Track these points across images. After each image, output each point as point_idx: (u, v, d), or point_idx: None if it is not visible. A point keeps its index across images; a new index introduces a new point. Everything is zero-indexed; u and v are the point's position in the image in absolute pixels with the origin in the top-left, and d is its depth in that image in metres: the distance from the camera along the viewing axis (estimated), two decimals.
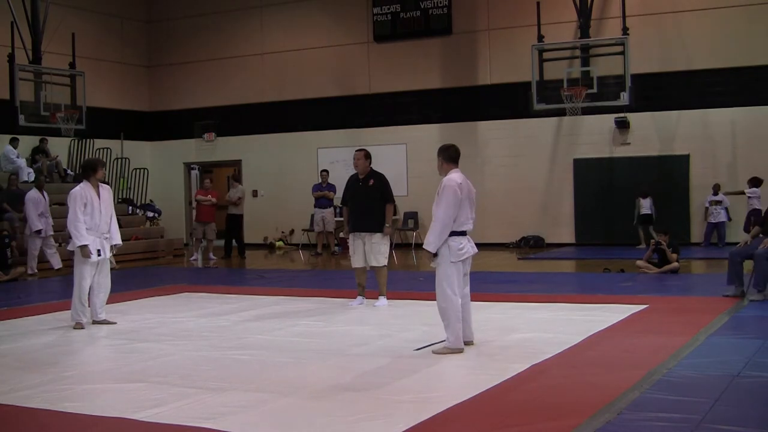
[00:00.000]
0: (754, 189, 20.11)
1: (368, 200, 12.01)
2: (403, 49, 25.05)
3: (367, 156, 12.24)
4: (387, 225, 12.01)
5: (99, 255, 10.87)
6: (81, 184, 11.00)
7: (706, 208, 21.20)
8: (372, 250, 11.94)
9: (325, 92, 25.95)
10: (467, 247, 8.58)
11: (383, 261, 12.04)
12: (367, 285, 12.29)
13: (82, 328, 10.66)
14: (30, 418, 6.46)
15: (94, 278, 10.93)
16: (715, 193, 21.05)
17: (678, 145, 22.05)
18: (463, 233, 8.56)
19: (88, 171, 11.20)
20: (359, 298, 12.23)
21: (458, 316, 8.43)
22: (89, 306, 10.93)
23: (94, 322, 10.93)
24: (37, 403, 6.81)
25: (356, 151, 12.36)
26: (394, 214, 13.69)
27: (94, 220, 10.87)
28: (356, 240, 12.08)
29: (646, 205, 21.54)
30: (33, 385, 7.45)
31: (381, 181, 12.22)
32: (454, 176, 8.60)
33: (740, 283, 11.85)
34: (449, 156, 8.80)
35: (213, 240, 21.87)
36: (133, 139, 27.29)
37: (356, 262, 12.13)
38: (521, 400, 6.51)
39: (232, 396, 6.89)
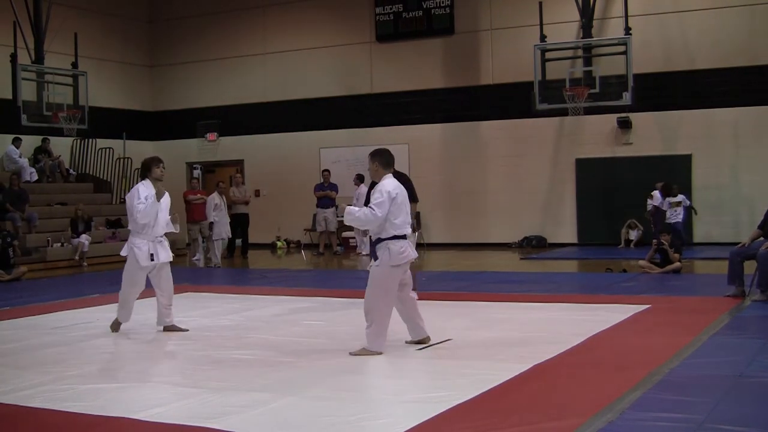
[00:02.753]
0: None
1: None
2: (405, 49, 25.07)
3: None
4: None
5: (152, 260, 10.16)
6: (142, 182, 10.22)
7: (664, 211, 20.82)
8: None
9: (327, 92, 25.97)
10: (408, 250, 8.54)
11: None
12: None
13: (117, 330, 10.30)
14: (31, 417, 6.45)
15: (154, 283, 10.30)
16: (674, 195, 20.76)
17: (680, 145, 22.05)
18: (403, 237, 8.50)
19: (144, 170, 10.34)
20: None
21: (385, 320, 8.41)
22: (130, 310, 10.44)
23: (165, 329, 10.31)
24: (39, 403, 6.80)
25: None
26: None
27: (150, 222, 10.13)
28: None
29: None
30: (34, 385, 7.44)
31: (406, 182, 12.36)
32: (389, 182, 8.52)
33: (741, 283, 11.84)
34: (386, 161, 8.70)
35: (210, 236, 21.81)
36: (135, 138, 27.28)
37: None
38: (523, 400, 6.51)
39: (234, 396, 6.88)
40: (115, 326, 10.35)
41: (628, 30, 20.86)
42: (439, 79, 24.73)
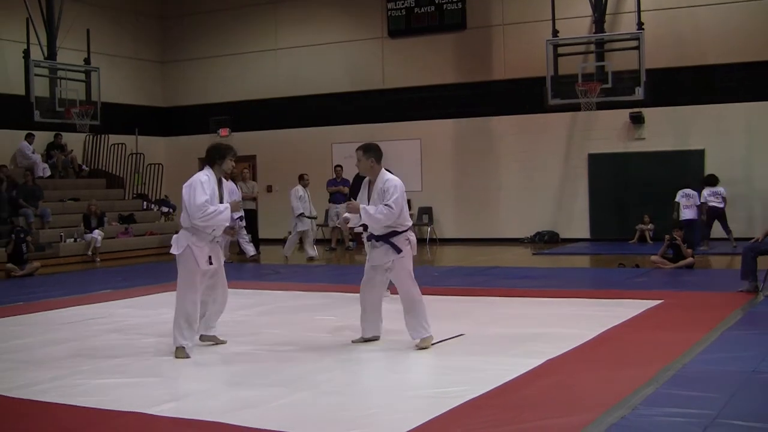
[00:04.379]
0: None
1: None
2: (417, 45, 25.04)
3: None
4: None
5: (210, 264, 8.51)
6: (205, 171, 8.60)
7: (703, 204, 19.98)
8: None
9: (339, 87, 25.97)
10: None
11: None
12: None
13: (187, 356, 8.29)
14: (45, 412, 6.49)
15: (205, 292, 8.72)
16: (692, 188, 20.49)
17: (693, 140, 21.98)
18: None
19: (215, 157, 8.64)
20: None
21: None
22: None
23: (202, 338, 8.89)
24: (53, 398, 6.84)
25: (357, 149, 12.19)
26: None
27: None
28: None
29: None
30: (48, 380, 7.48)
31: None
32: (395, 177, 8.67)
33: (754, 278, 11.80)
34: (379, 156, 8.80)
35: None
36: (147, 134, 27.33)
37: None
38: (535, 396, 6.51)
39: (247, 391, 6.90)
40: (182, 353, 8.33)
41: (640, 25, 20.82)
42: (451, 75, 24.69)
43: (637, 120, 22.31)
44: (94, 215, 21.34)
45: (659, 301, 11.21)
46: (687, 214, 19.55)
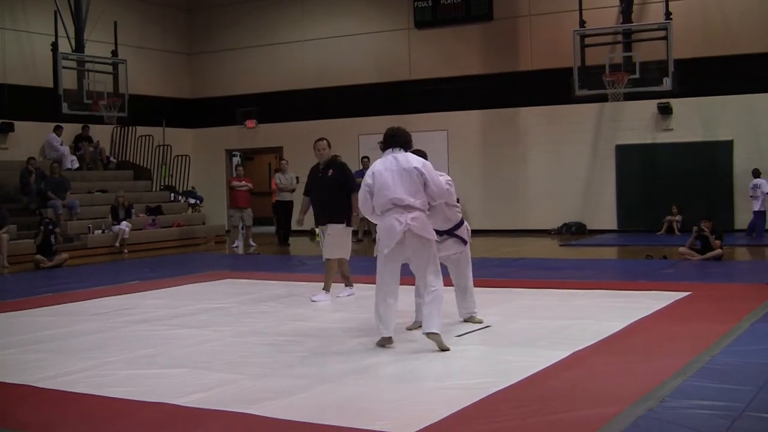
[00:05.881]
0: None
1: (327, 191, 11.52)
2: (444, 35, 24.99)
3: (329, 145, 12.01)
4: (355, 213, 11.40)
5: None
6: None
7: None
8: (328, 242, 11.48)
9: (365, 79, 25.96)
10: None
11: (337, 254, 11.59)
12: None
13: (388, 344, 8.13)
14: (75, 402, 6.52)
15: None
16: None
17: (721, 131, 21.82)
18: None
19: (409, 142, 8.85)
20: (347, 289, 12.01)
21: None
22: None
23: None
24: (81, 388, 6.88)
25: (318, 140, 12.01)
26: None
27: None
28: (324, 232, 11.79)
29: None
30: (77, 371, 7.52)
31: (340, 170, 11.91)
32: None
33: None
34: None
35: (251, 226, 21.86)
36: (174, 126, 27.45)
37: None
38: (562, 388, 6.48)
39: (274, 382, 6.92)
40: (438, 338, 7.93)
41: (668, 15, 20.69)
42: (478, 66, 24.63)
43: (665, 110, 22.18)
44: (122, 207, 21.46)
45: (687, 293, 11.14)
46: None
